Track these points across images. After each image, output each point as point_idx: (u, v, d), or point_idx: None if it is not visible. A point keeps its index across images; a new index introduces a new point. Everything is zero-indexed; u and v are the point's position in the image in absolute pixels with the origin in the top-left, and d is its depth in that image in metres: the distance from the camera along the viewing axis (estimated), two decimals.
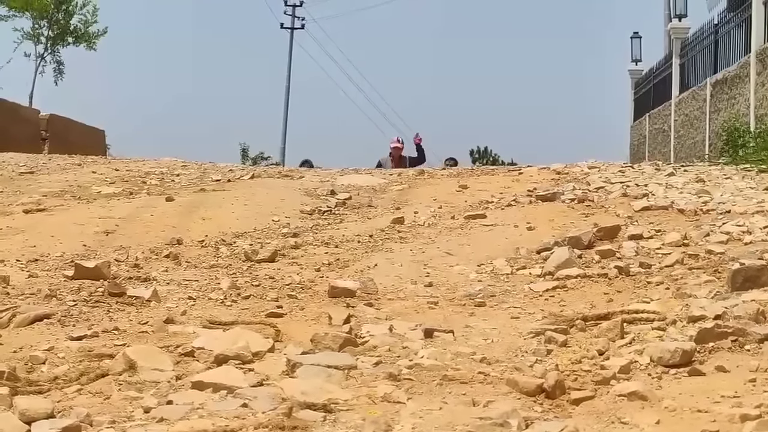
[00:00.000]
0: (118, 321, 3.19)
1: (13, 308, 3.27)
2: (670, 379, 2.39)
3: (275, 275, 4.15)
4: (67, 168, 8.92)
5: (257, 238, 5.19)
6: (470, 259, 4.42)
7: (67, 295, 3.53)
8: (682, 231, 4.51)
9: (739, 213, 4.80)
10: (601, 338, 2.83)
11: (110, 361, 2.59)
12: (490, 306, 3.51)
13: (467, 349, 2.76)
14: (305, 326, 3.16)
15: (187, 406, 2.15)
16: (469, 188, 6.76)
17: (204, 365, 2.55)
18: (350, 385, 2.35)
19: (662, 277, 3.72)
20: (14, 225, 5.47)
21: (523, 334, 2.98)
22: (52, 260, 4.44)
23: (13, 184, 7.64)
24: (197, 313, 3.34)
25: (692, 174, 6.93)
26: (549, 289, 3.73)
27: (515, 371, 2.48)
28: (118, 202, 6.63)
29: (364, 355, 2.66)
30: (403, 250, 4.74)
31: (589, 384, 2.34)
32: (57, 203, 6.64)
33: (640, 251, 4.23)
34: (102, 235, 5.18)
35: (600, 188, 6.31)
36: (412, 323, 3.12)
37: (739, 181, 6.32)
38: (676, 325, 2.91)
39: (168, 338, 2.90)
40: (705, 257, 3.94)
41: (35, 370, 2.54)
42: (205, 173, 8.55)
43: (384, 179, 7.78)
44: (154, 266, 4.33)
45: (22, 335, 2.98)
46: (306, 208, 6.19)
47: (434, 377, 2.42)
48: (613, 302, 3.41)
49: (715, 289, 3.35)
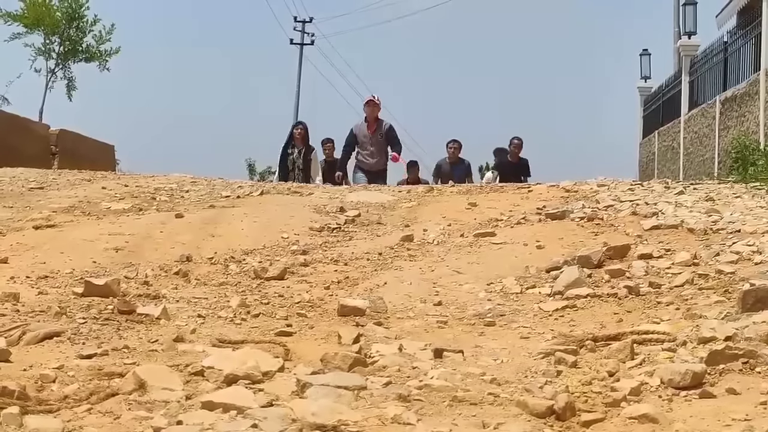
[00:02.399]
0: (128, 339, 3.19)
1: (23, 326, 3.27)
2: (680, 402, 2.38)
3: (284, 293, 4.15)
4: (77, 184, 8.94)
5: (266, 255, 5.19)
6: (480, 278, 4.42)
7: (77, 313, 3.54)
8: (692, 250, 4.50)
9: (749, 232, 4.78)
10: (611, 359, 2.82)
11: (120, 380, 2.59)
12: (500, 326, 3.50)
13: (477, 369, 2.76)
14: (315, 345, 3.16)
15: (197, 426, 2.15)
16: (478, 206, 6.76)
17: (214, 385, 2.54)
18: (360, 406, 2.34)
19: (672, 297, 3.71)
20: (24, 241, 5.48)
21: (532, 354, 2.98)
22: (62, 277, 4.45)
23: (23, 200, 7.65)
24: (207, 332, 3.34)
25: (702, 193, 6.91)
26: (558, 308, 3.72)
27: (525, 393, 2.47)
28: (127, 218, 6.64)
29: (373, 375, 2.66)
30: (412, 268, 4.74)
31: (599, 406, 2.34)
32: (67, 219, 6.66)
33: (650, 271, 4.22)
34: (112, 251, 5.19)
35: (609, 206, 6.30)
36: (422, 343, 3.12)
37: (749, 200, 6.30)
38: (687, 346, 2.90)
39: (177, 357, 2.90)
40: (715, 277, 3.93)
41: (45, 388, 2.54)
42: (215, 189, 8.57)
43: (393, 196, 7.79)
44: (164, 284, 4.34)
45: (32, 353, 2.99)
46: (315, 225, 6.19)
47: (444, 398, 2.41)
48: (623, 323, 3.40)
49: (726, 309, 3.34)
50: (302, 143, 14.22)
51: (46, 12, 23.82)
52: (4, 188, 8.44)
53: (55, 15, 23.95)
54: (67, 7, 24.18)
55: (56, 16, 23.98)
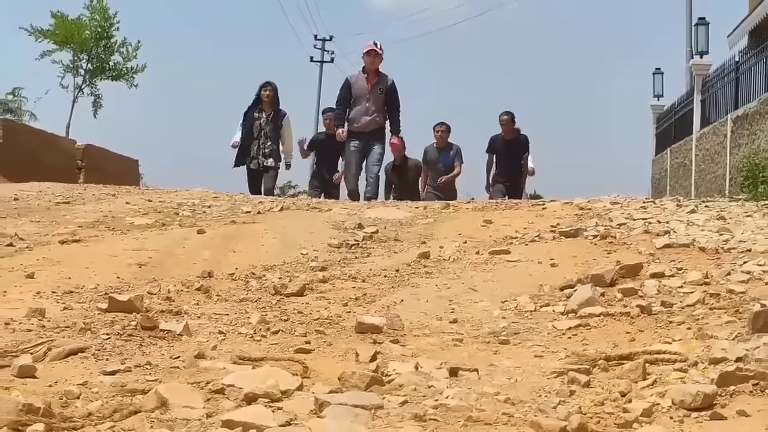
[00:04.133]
0: (150, 355, 3.20)
1: (48, 341, 3.28)
2: (692, 423, 2.37)
3: (303, 310, 4.15)
4: (102, 198, 8.99)
5: (286, 271, 5.20)
6: (494, 296, 4.41)
7: (101, 329, 3.54)
8: (704, 270, 4.47)
9: (760, 252, 4.75)
10: (623, 379, 2.81)
11: (143, 397, 2.59)
12: (514, 344, 3.49)
13: (491, 389, 2.75)
14: (333, 363, 3.15)
15: None
16: (493, 223, 6.75)
17: (234, 403, 2.55)
18: (376, 425, 2.34)
19: (684, 316, 3.69)
20: (50, 256, 5.50)
21: (546, 373, 2.96)
22: (87, 292, 4.46)
23: (49, 214, 7.69)
24: (227, 348, 3.34)
25: (714, 211, 6.88)
26: (572, 327, 3.70)
27: (539, 413, 2.46)
28: (151, 233, 6.66)
29: (390, 394, 2.65)
30: (428, 285, 4.74)
31: (611, 427, 2.33)
32: (92, 234, 6.68)
33: (662, 290, 4.20)
34: (135, 267, 5.21)
35: (622, 224, 6.28)
36: (438, 361, 3.11)
37: (759, 219, 6.27)
38: (698, 366, 2.88)
39: (199, 374, 2.90)
40: (726, 297, 3.91)
41: (69, 405, 2.54)
42: (236, 205, 8.59)
43: (410, 212, 7.78)
44: (186, 299, 4.35)
45: (57, 369, 3.00)
46: (334, 242, 6.20)
47: (459, 418, 2.41)
48: (636, 342, 3.39)
49: (737, 330, 3.32)
50: (271, 107, 12.63)
51: (75, 30, 24.00)
52: (32, 203, 8.48)
53: (84, 33, 24.11)
54: (96, 26, 24.36)
55: (85, 34, 24.14)
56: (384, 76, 11.95)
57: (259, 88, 12.72)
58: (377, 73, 11.87)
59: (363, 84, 11.82)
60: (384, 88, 11.84)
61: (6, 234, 6.49)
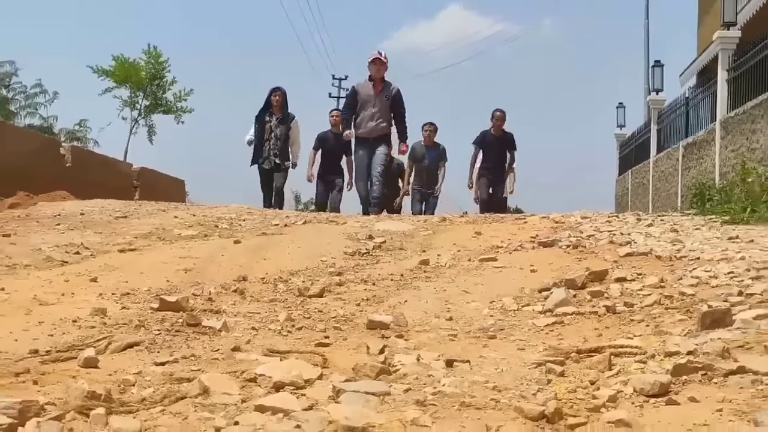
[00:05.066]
0: (194, 348, 3.19)
1: (109, 337, 3.29)
2: (650, 408, 2.36)
3: (323, 309, 4.15)
4: (154, 213, 9.01)
5: (308, 275, 5.20)
6: (484, 297, 4.40)
7: (153, 325, 3.55)
8: (660, 275, 4.46)
9: (707, 260, 4.75)
10: (592, 370, 2.80)
11: (188, 384, 2.59)
12: (500, 338, 3.48)
13: (481, 378, 2.74)
14: (348, 354, 3.15)
15: (251, 427, 2.15)
16: (482, 234, 6.74)
17: (264, 390, 2.54)
18: (384, 409, 2.33)
19: (643, 315, 3.67)
20: (111, 263, 5.52)
21: (527, 364, 2.95)
22: (141, 294, 4.47)
23: (110, 227, 7.72)
24: (259, 342, 3.33)
25: (668, 225, 6.87)
26: (549, 324, 3.69)
27: (521, 399, 2.45)
28: (195, 243, 6.68)
29: (396, 382, 2.65)
30: (428, 288, 4.73)
31: (582, 411, 2.32)
32: (145, 244, 6.70)
33: (625, 292, 4.18)
34: (182, 272, 5.21)
35: (591, 236, 6.27)
36: (436, 353, 3.10)
37: (706, 231, 6.26)
38: (655, 359, 2.87)
39: (235, 364, 2.90)
40: (679, 298, 3.89)
41: (126, 391, 2.54)
42: (266, 219, 8.61)
43: (413, 225, 7.78)
44: (224, 300, 4.35)
45: (116, 360, 3.00)
46: (348, 250, 6.20)
47: (454, 403, 2.40)
48: (602, 337, 3.37)
49: (688, 327, 3.30)
50: (280, 110, 12.10)
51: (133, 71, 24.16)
52: (95, 217, 8.52)
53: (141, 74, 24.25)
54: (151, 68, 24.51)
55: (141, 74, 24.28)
56: (389, 83, 11.26)
57: (269, 94, 12.26)
58: (383, 80, 11.18)
59: (369, 90, 11.14)
60: (389, 95, 11.15)
61: (74, 244, 6.51)
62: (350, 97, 11.36)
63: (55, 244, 6.46)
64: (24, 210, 8.96)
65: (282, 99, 12.14)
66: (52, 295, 4.30)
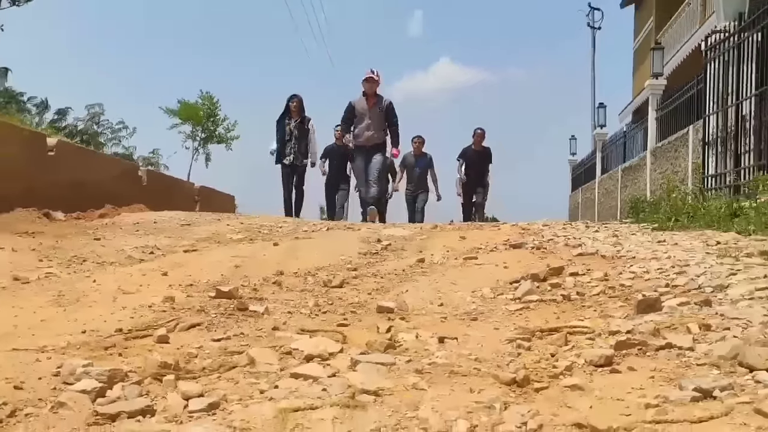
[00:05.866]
0: (243, 328, 3.20)
1: (176, 319, 3.30)
2: (598, 375, 2.35)
3: (342, 297, 4.14)
4: (211, 222, 9.02)
5: (331, 270, 5.19)
6: (467, 288, 4.38)
7: (210, 310, 3.55)
8: (604, 270, 4.45)
9: (641, 259, 4.73)
10: (552, 345, 2.79)
11: (238, 356, 2.60)
12: (480, 320, 3.47)
13: (466, 351, 2.74)
14: (362, 333, 3.14)
15: (288, 390, 2.15)
16: (466, 239, 6.72)
17: (297, 361, 2.54)
18: (391, 376, 2.33)
19: (591, 302, 3.66)
20: (178, 261, 5.52)
21: (502, 341, 2.94)
22: (201, 285, 4.46)
23: (177, 233, 7.74)
24: (293, 323, 3.33)
25: (610, 231, 6.85)
26: (518, 309, 3.68)
27: (497, 368, 2.45)
28: (243, 245, 6.67)
29: (400, 355, 2.64)
30: (424, 280, 4.71)
31: (545, 378, 2.31)
32: (204, 246, 6.71)
33: (577, 284, 4.17)
34: (232, 268, 5.21)
35: (550, 240, 6.25)
36: (430, 332, 3.09)
37: (640, 236, 6.24)
38: (601, 336, 2.86)
39: (275, 341, 2.90)
40: (619, 289, 3.88)
41: (190, 362, 2.55)
42: (298, 226, 8.60)
43: (412, 231, 7.76)
44: (266, 290, 4.34)
45: (182, 337, 3.01)
46: (362, 251, 6.19)
47: (445, 371, 2.40)
48: (560, 319, 3.36)
49: (626, 312, 3.30)
50: (298, 114, 11.39)
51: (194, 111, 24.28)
52: (166, 224, 8.53)
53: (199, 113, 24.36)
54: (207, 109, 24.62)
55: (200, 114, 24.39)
56: (381, 97, 10.37)
57: (288, 100, 11.57)
58: (375, 95, 10.31)
59: (364, 105, 10.33)
60: (382, 107, 10.31)
61: (149, 246, 6.52)
62: (347, 112, 10.51)
63: (135, 245, 6.47)
64: (110, 219, 8.98)
65: (299, 104, 11.44)
66: (132, 286, 4.30)
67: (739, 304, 3.12)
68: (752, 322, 2.77)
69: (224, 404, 2.05)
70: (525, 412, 1.93)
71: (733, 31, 10.45)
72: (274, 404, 2.02)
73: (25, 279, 4.56)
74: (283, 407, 1.97)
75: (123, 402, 2.05)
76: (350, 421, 1.90)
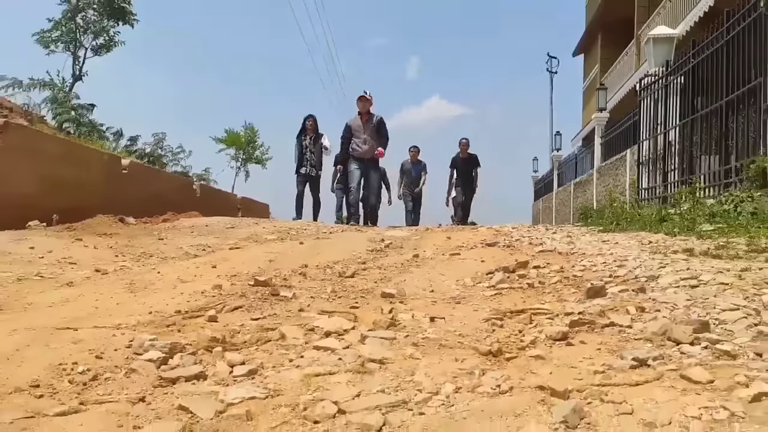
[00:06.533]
0: (276, 309, 3.19)
1: (223, 303, 3.29)
2: (557, 348, 2.34)
3: (354, 285, 4.12)
4: (250, 225, 9.00)
5: (345, 264, 5.17)
6: (453, 277, 4.36)
7: (250, 296, 3.54)
8: (560, 264, 4.42)
9: (589, 254, 4.71)
10: (520, 324, 2.78)
11: (272, 332, 2.59)
12: (463, 304, 3.45)
13: (452, 328, 2.73)
14: (370, 313, 3.13)
15: (311, 358, 2.15)
16: (451, 239, 6.70)
17: (319, 336, 2.53)
18: (392, 348, 2.32)
19: (551, 289, 3.64)
20: (224, 256, 5.51)
21: (480, 320, 2.93)
22: (243, 275, 4.44)
23: (224, 234, 7.72)
24: (315, 306, 3.32)
25: (565, 232, 6.82)
26: (493, 294, 3.66)
27: (476, 342, 2.44)
28: (275, 244, 6.66)
29: (399, 331, 2.64)
30: (418, 271, 4.68)
31: (514, 350, 2.30)
32: (245, 244, 6.69)
33: (539, 275, 4.14)
34: (267, 262, 5.20)
35: (518, 239, 6.22)
36: (423, 313, 3.08)
37: (589, 237, 6.21)
38: (559, 317, 2.85)
39: (300, 320, 2.89)
40: (573, 279, 3.86)
41: (234, 336, 2.54)
42: (320, 229, 8.58)
43: (409, 233, 7.74)
44: (294, 280, 4.32)
45: (228, 317, 2.98)
46: (369, 248, 6.16)
47: (435, 344, 2.39)
48: (526, 303, 3.34)
49: (578, 297, 3.28)
50: (313, 132, 10.69)
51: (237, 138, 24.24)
52: (215, 227, 8.51)
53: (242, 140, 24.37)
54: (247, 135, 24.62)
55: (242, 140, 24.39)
56: (373, 114, 9.54)
57: (304, 119, 10.74)
58: (368, 113, 9.55)
59: (358, 122, 9.54)
60: (375, 123, 9.51)
61: (201, 244, 6.52)
62: (345, 132, 9.70)
63: (190, 244, 6.47)
64: (171, 223, 8.98)
65: (314, 123, 10.71)
66: (189, 276, 4.30)
67: (667, 291, 3.11)
68: (678, 305, 2.76)
69: (261, 370, 2.04)
70: (498, 377, 1.93)
71: (661, 75, 10.51)
72: (301, 370, 2.01)
73: (104, 271, 4.56)
74: (307, 373, 1.97)
75: (181, 369, 2.05)
76: (361, 383, 1.90)
